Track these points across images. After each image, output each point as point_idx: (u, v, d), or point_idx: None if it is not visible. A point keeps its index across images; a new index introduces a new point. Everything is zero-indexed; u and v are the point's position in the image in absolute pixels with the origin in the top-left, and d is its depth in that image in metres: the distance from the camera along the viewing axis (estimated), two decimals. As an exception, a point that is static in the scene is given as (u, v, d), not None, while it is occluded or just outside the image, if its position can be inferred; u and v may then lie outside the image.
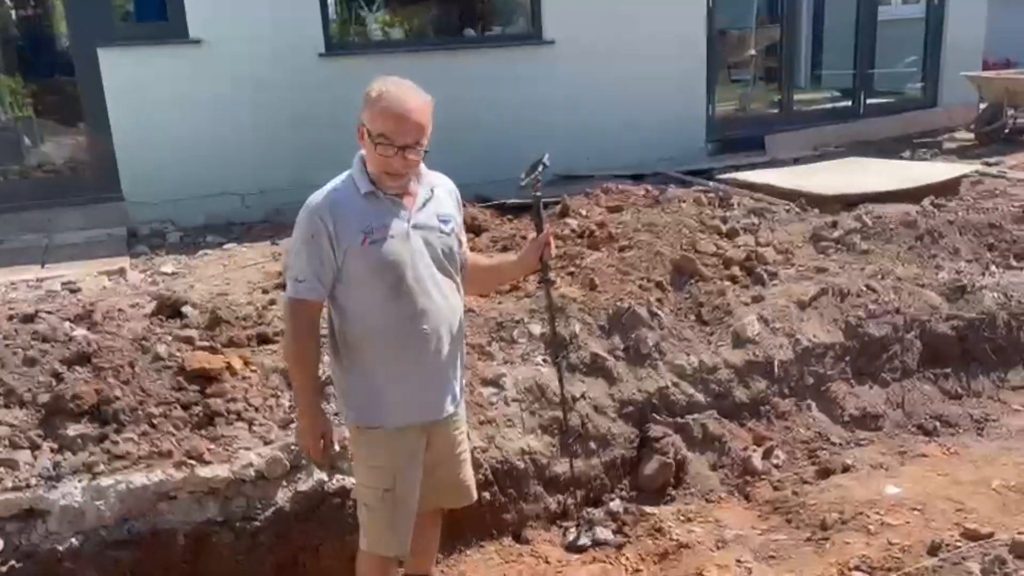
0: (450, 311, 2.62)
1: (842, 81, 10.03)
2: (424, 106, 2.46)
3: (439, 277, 2.59)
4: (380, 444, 2.62)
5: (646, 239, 4.84)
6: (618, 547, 3.62)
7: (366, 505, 2.70)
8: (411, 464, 2.65)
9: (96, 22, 6.28)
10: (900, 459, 4.13)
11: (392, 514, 2.66)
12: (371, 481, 2.66)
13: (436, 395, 2.65)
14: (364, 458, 2.69)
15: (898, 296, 4.79)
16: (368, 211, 2.47)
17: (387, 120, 2.40)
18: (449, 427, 2.77)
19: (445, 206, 2.65)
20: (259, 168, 6.59)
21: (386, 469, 2.62)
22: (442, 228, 2.60)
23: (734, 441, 4.13)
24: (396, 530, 2.68)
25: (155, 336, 3.63)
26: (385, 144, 2.41)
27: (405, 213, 2.52)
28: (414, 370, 2.57)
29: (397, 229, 2.49)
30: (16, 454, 3.03)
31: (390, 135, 2.40)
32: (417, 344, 2.55)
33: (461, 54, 7.48)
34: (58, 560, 2.95)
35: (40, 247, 5.75)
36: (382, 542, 2.71)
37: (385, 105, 2.41)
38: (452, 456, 2.81)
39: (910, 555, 3.26)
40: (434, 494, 2.82)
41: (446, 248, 2.62)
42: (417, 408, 2.61)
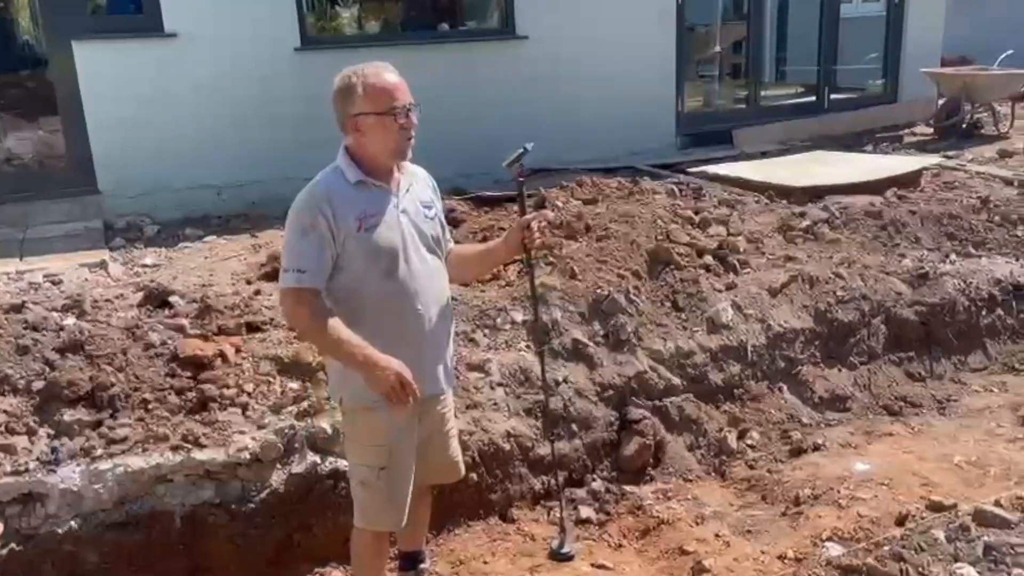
0: (439, 291, 2.73)
1: (807, 77, 10.26)
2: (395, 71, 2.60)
3: (428, 259, 2.69)
4: (376, 422, 2.66)
5: (622, 230, 4.97)
6: (601, 524, 3.75)
7: (362, 483, 2.74)
8: (406, 440, 2.72)
9: (70, 15, 6.24)
10: (868, 438, 4.31)
11: (388, 490, 2.72)
12: (367, 460, 2.72)
13: (431, 370, 2.72)
14: (360, 438, 2.75)
15: (864, 283, 4.98)
16: (359, 199, 2.55)
17: (386, 92, 2.52)
18: (441, 405, 2.86)
19: (425, 193, 2.76)
20: (235, 161, 6.61)
21: (382, 447, 2.68)
22: (426, 213, 2.72)
23: (710, 423, 4.28)
24: (394, 505, 2.75)
25: (146, 325, 3.68)
26: (396, 113, 2.51)
27: (393, 199, 2.61)
28: (410, 346, 2.62)
29: (388, 215, 2.58)
30: (13, 440, 3.08)
31: (400, 103, 2.51)
32: (412, 322, 2.64)
33: (435, 48, 7.55)
34: (58, 543, 3.01)
35: (17, 240, 5.72)
36: (380, 518, 2.77)
37: (372, 82, 2.52)
38: (441, 433, 2.89)
39: (879, 526, 3.42)
40: (424, 471, 2.88)
41: (433, 232, 2.72)
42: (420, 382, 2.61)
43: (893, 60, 10.01)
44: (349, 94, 2.52)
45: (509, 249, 2.92)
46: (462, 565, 3.48)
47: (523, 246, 2.88)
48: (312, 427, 3.39)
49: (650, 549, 3.57)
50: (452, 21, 8.36)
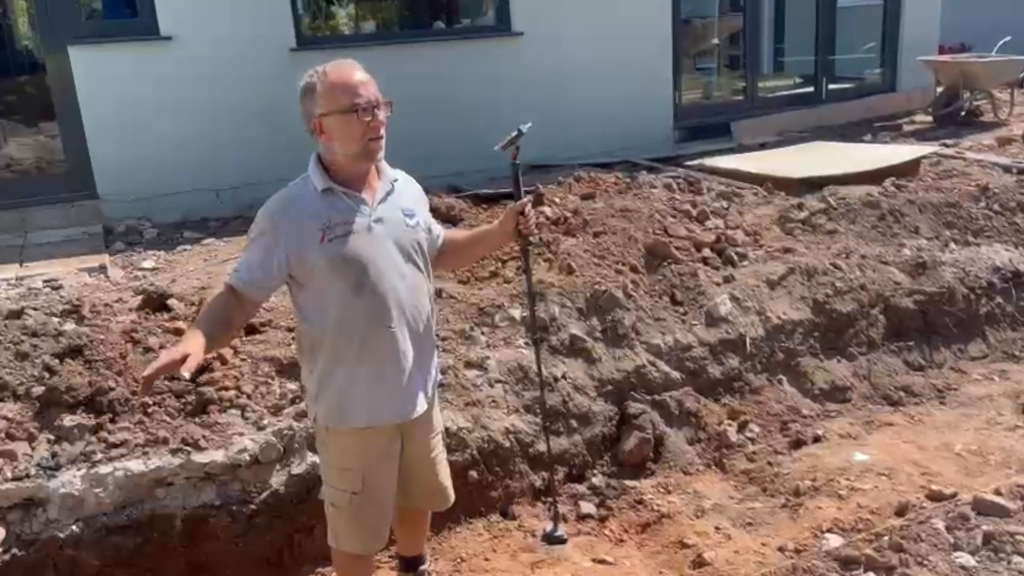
0: (416, 308, 2.55)
1: (804, 68, 10.24)
2: (362, 69, 2.44)
3: (406, 272, 2.51)
4: (348, 446, 2.57)
5: (619, 224, 4.97)
6: (601, 519, 3.76)
7: (333, 505, 2.66)
8: (381, 465, 2.61)
9: (65, 20, 6.26)
10: (868, 428, 4.32)
11: (360, 516, 2.63)
12: (339, 483, 2.62)
13: (405, 395, 2.57)
14: (332, 459, 2.64)
15: (863, 273, 4.97)
16: (326, 208, 2.40)
17: (346, 89, 2.36)
18: (424, 429, 2.72)
19: (408, 200, 2.60)
20: (232, 163, 6.62)
21: (355, 471, 2.58)
22: (407, 221, 2.54)
23: (710, 416, 4.28)
24: (363, 531, 2.66)
25: (144, 328, 3.69)
26: (360, 110, 2.35)
27: (366, 208, 2.45)
28: (380, 369, 2.49)
29: (358, 224, 2.42)
30: (13, 445, 3.09)
31: (361, 100, 2.36)
32: (382, 343, 2.48)
33: (431, 46, 7.55)
34: (60, 547, 3.02)
35: (16, 246, 5.74)
36: (351, 542, 2.69)
37: (333, 79, 2.37)
38: (427, 459, 2.77)
39: (879, 517, 3.43)
40: (410, 497, 2.81)
41: (413, 242, 2.55)
42: (385, 408, 2.54)
43: (891, 49, 9.99)
44: (310, 93, 2.39)
45: (504, 233, 2.80)
46: (463, 563, 3.49)
47: (517, 231, 2.77)
48: (311, 428, 3.40)
49: (651, 543, 3.58)
50: (448, 19, 8.36)
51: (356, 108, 2.36)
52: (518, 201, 2.79)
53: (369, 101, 2.38)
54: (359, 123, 2.37)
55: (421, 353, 2.59)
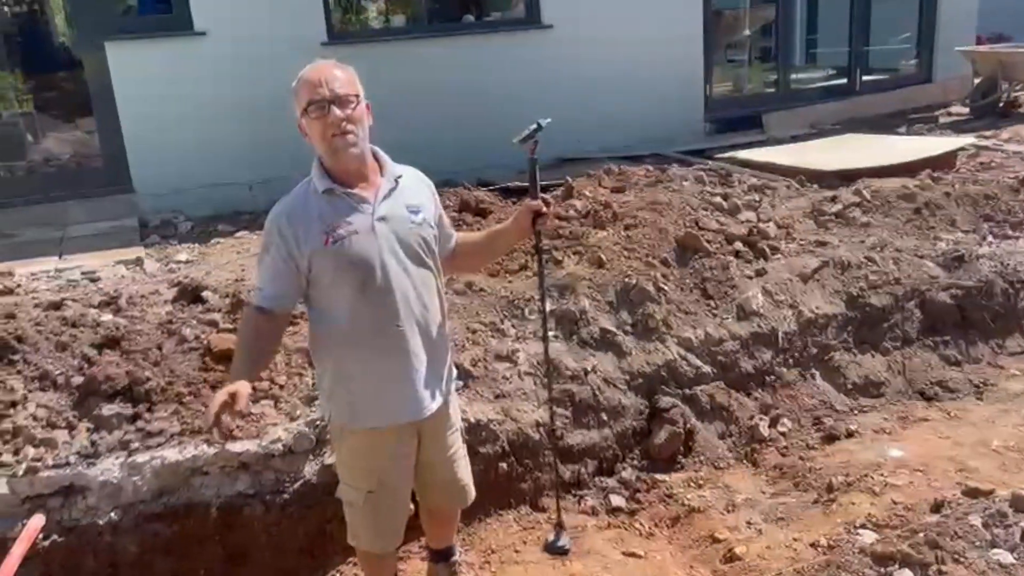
0: (425, 307, 2.53)
1: (837, 59, 10.11)
2: (335, 66, 2.41)
3: (412, 270, 2.49)
4: (362, 445, 2.57)
5: (650, 217, 4.95)
6: (631, 513, 3.76)
7: (349, 504, 2.67)
8: (396, 464, 2.61)
9: (101, 16, 6.35)
10: (902, 424, 4.27)
11: (374, 514, 2.64)
12: (354, 482, 2.63)
13: (416, 394, 2.54)
14: (347, 459, 2.65)
15: (898, 267, 4.91)
16: (328, 210, 2.39)
17: (307, 87, 2.36)
18: (439, 427, 2.70)
19: (414, 196, 2.56)
20: (264, 157, 6.66)
21: (370, 470, 2.58)
22: (412, 218, 2.50)
23: (741, 410, 4.26)
24: (379, 529, 2.68)
25: (180, 320, 3.75)
26: (317, 108, 2.33)
27: (367, 207, 2.43)
28: (391, 369, 2.48)
29: (361, 224, 2.40)
30: (54, 434, 3.15)
31: (315, 97, 2.33)
32: (391, 342, 2.46)
33: (460, 40, 7.55)
34: (98, 534, 3.08)
35: (55, 239, 5.84)
36: (364, 539, 2.72)
37: (302, 80, 2.38)
38: (445, 457, 2.76)
39: (914, 513, 3.39)
40: (429, 495, 2.82)
41: (419, 239, 2.51)
42: (397, 408, 2.52)
43: (927, 39, 9.83)
44: (292, 96, 2.41)
45: (519, 231, 2.76)
46: (493, 554, 3.50)
47: (533, 227, 2.73)
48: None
49: (681, 537, 3.57)
50: (477, 12, 8.36)
51: (309, 107, 2.35)
52: (533, 198, 2.74)
53: (324, 98, 2.33)
54: (316, 122, 2.35)
55: (433, 351, 2.57)
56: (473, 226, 5.23)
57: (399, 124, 4.68)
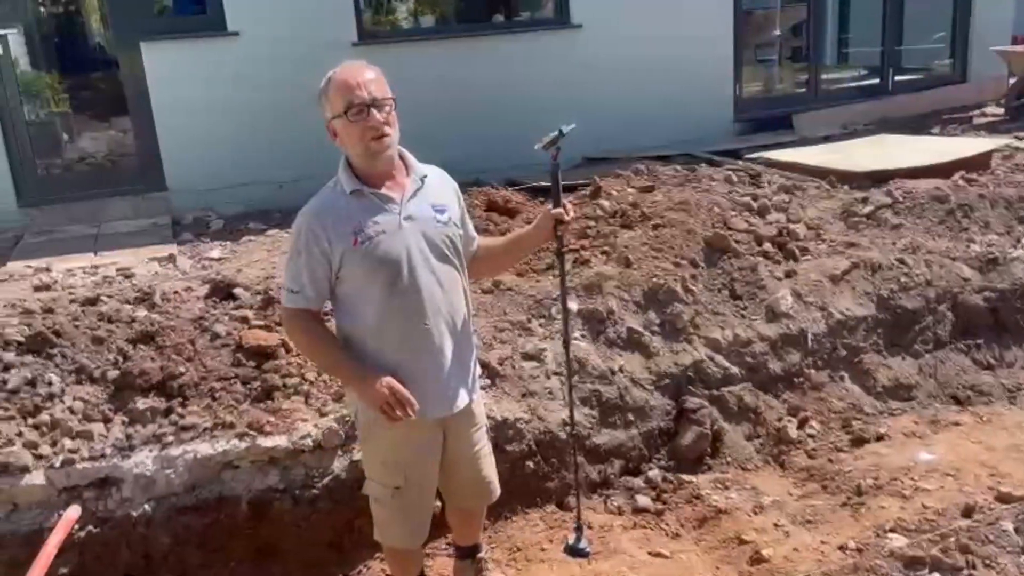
0: (452, 305, 2.56)
1: (870, 58, 9.99)
2: (367, 67, 2.44)
3: (439, 268, 2.52)
4: (389, 441, 2.59)
5: (678, 217, 4.93)
6: (658, 513, 3.75)
7: (376, 500, 2.71)
8: (423, 460, 2.64)
9: (137, 16, 6.46)
10: (933, 428, 4.22)
11: (402, 511, 2.67)
12: (381, 477, 2.66)
13: (443, 391, 2.58)
14: (374, 455, 2.69)
15: (929, 269, 4.85)
16: (356, 211, 2.43)
17: (343, 90, 2.38)
18: (465, 424, 2.72)
19: (439, 196, 2.58)
20: (294, 156, 6.72)
21: (396, 466, 2.62)
22: (438, 217, 2.53)
23: (769, 412, 4.24)
24: (405, 525, 2.71)
25: (212, 316, 3.80)
26: (356, 111, 2.36)
27: (394, 207, 2.46)
28: (418, 366, 2.51)
29: (388, 224, 2.44)
30: (90, 426, 3.22)
31: (355, 100, 2.36)
32: (420, 338, 2.50)
33: (490, 40, 7.58)
34: (132, 525, 3.14)
35: (91, 236, 5.95)
36: (394, 537, 2.75)
37: (336, 82, 2.40)
38: (469, 453, 2.77)
39: (944, 517, 3.36)
40: (454, 492, 2.83)
41: (445, 238, 2.54)
42: (424, 405, 2.52)
43: (961, 39, 9.69)
44: (322, 99, 2.44)
45: (540, 236, 2.76)
46: (519, 552, 3.52)
47: (554, 235, 2.72)
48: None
49: (708, 538, 3.56)
50: (506, 12, 8.38)
51: (347, 112, 2.37)
52: (555, 203, 2.72)
53: (363, 101, 2.36)
54: (354, 125, 2.38)
55: (459, 349, 2.60)
56: (501, 225, 5.25)
57: (427, 124, 4.72)
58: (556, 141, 2.76)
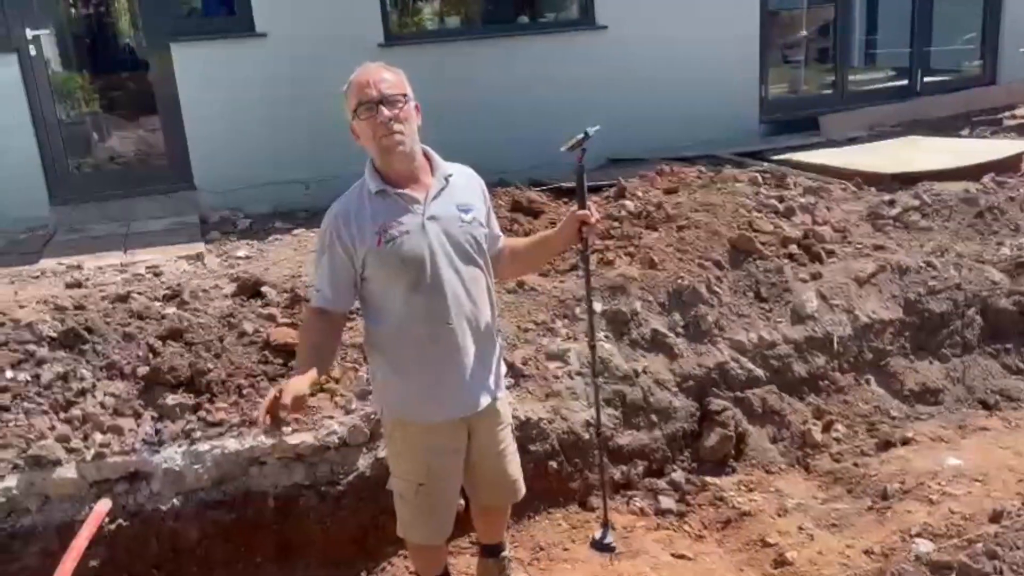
0: (475, 305, 2.57)
1: (898, 60, 9.89)
2: (383, 68, 2.46)
3: (462, 268, 2.52)
4: (413, 438, 2.63)
5: (703, 219, 4.92)
6: (681, 515, 3.75)
7: (400, 496, 2.74)
8: (446, 458, 2.66)
9: (167, 18, 6.53)
10: (961, 432, 4.19)
11: (424, 507, 2.69)
12: (405, 474, 2.69)
13: (466, 391, 2.60)
14: (398, 451, 2.72)
15: (958, 272, 4.81)
16: (380, 211, 2.45)
17: (355, 90, 2.41)
18: (489, 423, 2.73)
19: (464, 195, 2.59)
20: (321, 156, 6.76)
21: (420, 463, 2.64)
22: (462, 217, 2.54)
23: (794, 415, 4.22)
24: (428, 522, 2.73)
25: (240, 314, 3.85)
26: (365, 109, 2.38)
27: (418, 207, 2.48)
28: (441, 366, 2.53)
29: (411, 224, 2.45)
30: (121, 421, 3.27)
31: (364, 99, 2.38)
32: (442, 340, 2.51)
33: (515, 40, 7.58)
34: (161, 519, 3.19)
35: (121, 234, 6.03)
36: (414, 531, 2.77)
37: (351, 84, 2.44)
38: (494, 452, 2.78)
39: (972, 523, 3.33)
40: (479, 491, 2.85)
41: (469, 238, 2.54)
42: (447, 404, 2.58)
43: (991, 40, 9.56)
44: (343, 101, 2.47)
45: (565, 238, 2.75)
46: (542, 551, 3.53)
47: (579, 237, 2.71)
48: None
49: (731, 540, 3.56)
50: (531, 13, 8.39)
51: (358, 108, 2.40)
52: (580, 205, 2.71)
53: (372, 99, 2.38)
54: (366, 123, 2.41)
55: (482, 348, 2.61)
56: (525, 226, 5.25)
57: (452, 124, 4.73)
58: (581, 143, 2.74)
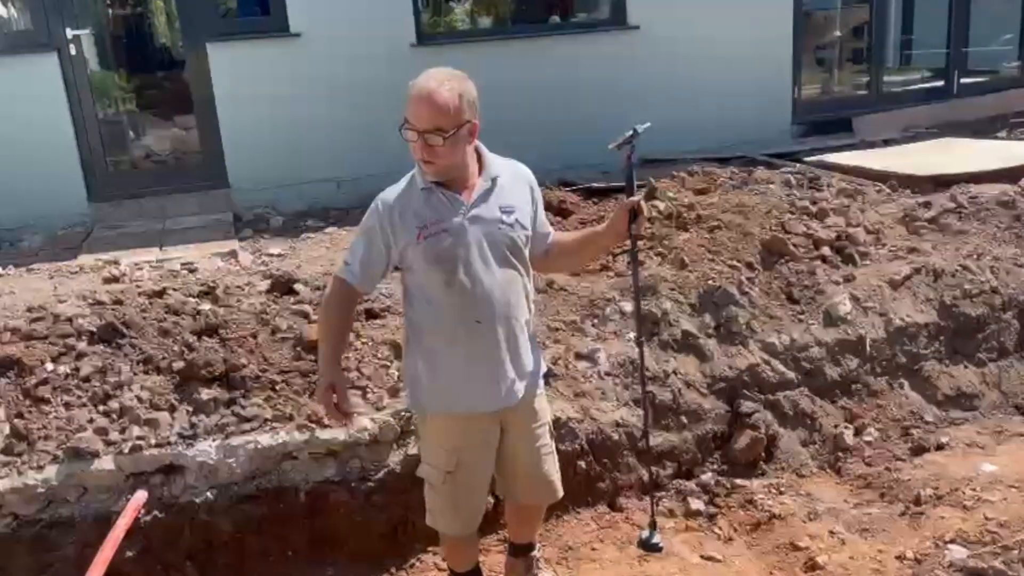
0: (509, 305, 2.60)
1: (934, 60, 9.75)
2: (442, 91, 2.38)
3: (498, 270, 2.57)
4: (444, 428, 2.69)
5: (735, 220, 4.90)
6: (710, 517, 3.73)
7: (429, 485, 2.78)
8: (476, 450, 2.70)
9: (203, 19, 6.63)
10: (997, 438, 4.13)
11: (453, 496, 2.73)
12: (434, 462, 2.74)
13: (496, 386, 2.63)
14: (429, 440, 2.78)
15: (995, 276, 4.74)
16: (425, 206, 2.50)
17: (410, 104, 2.41)
18: (524, 419, 2.76)
19: (510, 196, 2.61)
20: (353, 155, 6.84)
21: (450, 452, 2.69)
22: (503, 219, 2.57)
23: (825, 418, 4.18)
24: (456, 512, 2.77)
25: (274, 310, 3.90)
26: (407, 128, 2.41)
27: (461, 207, 2.52)
28: (471, 361, 2.59)
29: (452, 223, 2.50)
30: (156, 415, 3.32)
31: (411, 119, 2.40)
32: (472, 335, 2.57)
33: (546, 41, 7.58)
34: (195, 511, 3.24)
35: (156, 231, 6.13)
36: (442, 521, 2.81)
37: (411, 94, 2.41)
38: (529, 448, 2.80)
39: (1008, 530, 3.28)
40: (513, 488, 2.87)
41: (507, 241, 2.58)
42: (476, 398, 2.63)
43: (1031, 40, 9.41)
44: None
45: (615, 233, 2.72)
46: (570, 551, 3.54)
47: (628, 231, 2.68)
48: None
49: (761, 543, 3.54)
50: (563, 13, 8.39)
51: (405, 124, 2.41)
52: (629, 194, 2.71)
53: (415, 128, 2.39)
54: (408, 135, 2.43)
55: (515, 346, 2.65)
56: (554, 227, 5.25)
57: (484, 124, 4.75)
58: (630, 140, 2.73)
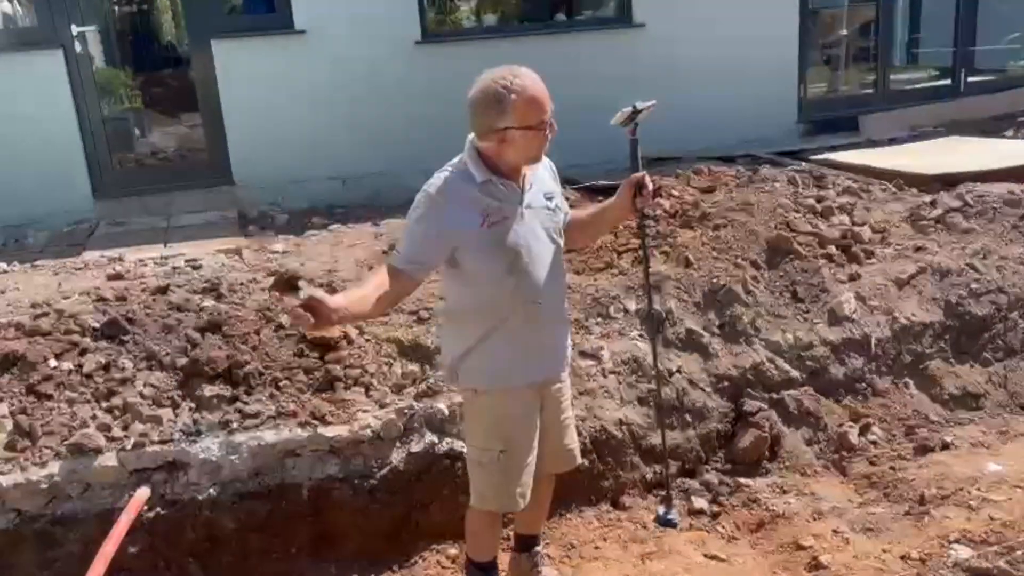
0: (556, 284, 2.78)
1: (941, 59, 9.72)
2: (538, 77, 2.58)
3: (548, 253, 2.71)
4: (496, 405, 2.75)
5: (740, 218, 4.88)
6: (714, 516, 3.72)
7: (480, 464, 2.81)
8: (525, 424, 2.79)
9: (209, 16, 6.63)
10: (1002, 438, 4.11)
11: (507, 473, 2.79)
12: (486, 442, 2.78)
13: (549, 359, 2.81)
14: (481, 420, 2.81)
15: (1001, 275, 4.72)
16: (484, 196, 2.57)
17: (537, 107, 2.49)
18: (558, 394, 2.90)
19: (547, 183, 2.77)
20: (358, 153, 6.85)
21: (501, 430, 2.76)
22: (548, 205, 2.72)
23: (830, 417, 4.17)
24: (509, 488, 2.80)
25: (277, 307, 3.89)
26: (541, 127, 2.52)
27: (517, 196, 2.63)
28: (528, 338, 2.70)
29: (512, 212, 2.61)
30: (160, 411, 3.33)
31: (532, 116, 2.49)
32: (530, 316, 2.68)
33: (552, 38, 7.58)
34: (198, 508, 3.23)
35: (161, 228, 6.13)
36: (497, 500, 2.84)
37: (530, 96, 2.48)
38: (557, 421, 2.93)
39: (1013, 530, 3.26)
40: (541, 458, 2.91)
41: (553, 223, 2.75)
42: (531, 368, 2.75)
43: (1038, 39, 9.37)
44: (497, 105, 2.48)
45: (621, 206, 2.84)
46: (574, 549, 3.53)
47: (633, 205, 2.81)
48: (430, 408, 3.51)
49: (765, 542, 3.52)
50: (568, 11, 8.37)
51: (543, 125, 2.52)
52: (634, 170, 2.82)
53: (546, 120, 2.52)
54: (538, 137, 2.54)
55: (560, 323, 2.85)
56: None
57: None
58: (633, 117, 2.84)
